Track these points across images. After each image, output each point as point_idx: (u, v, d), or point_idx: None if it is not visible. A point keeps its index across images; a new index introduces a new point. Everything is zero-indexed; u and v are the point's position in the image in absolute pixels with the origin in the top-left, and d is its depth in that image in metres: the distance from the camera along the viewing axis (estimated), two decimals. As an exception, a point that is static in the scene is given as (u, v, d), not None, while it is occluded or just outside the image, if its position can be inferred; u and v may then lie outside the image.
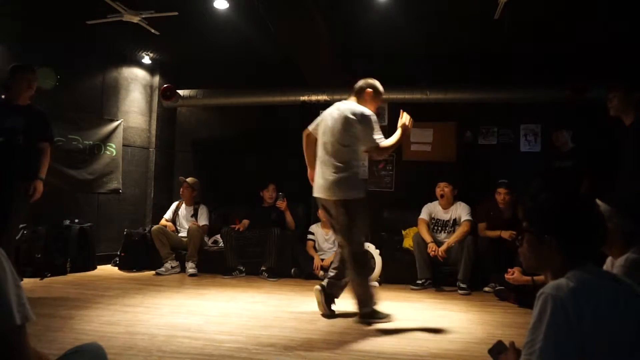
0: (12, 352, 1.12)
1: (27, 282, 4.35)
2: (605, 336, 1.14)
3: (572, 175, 4.61)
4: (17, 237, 4.00)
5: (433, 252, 4.59)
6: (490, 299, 4.33)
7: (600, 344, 1.14)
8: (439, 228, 4.98)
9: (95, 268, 5.34)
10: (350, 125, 3.23)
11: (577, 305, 1.15)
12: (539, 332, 1.16)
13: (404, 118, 3.33)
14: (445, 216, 4.96)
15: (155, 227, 5.43)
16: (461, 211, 4.88)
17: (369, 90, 3.43)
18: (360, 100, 3.41)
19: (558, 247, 1.32)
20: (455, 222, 4.90)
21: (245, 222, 5.39)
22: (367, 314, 3.27)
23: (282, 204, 5.35)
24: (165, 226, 5.49)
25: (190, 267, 5.16)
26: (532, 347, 1.17)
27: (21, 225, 4.70)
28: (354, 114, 3.24)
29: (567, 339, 1.14)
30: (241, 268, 5.24)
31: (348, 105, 3.34)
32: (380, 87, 3.49)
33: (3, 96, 3.79)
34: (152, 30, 4.72)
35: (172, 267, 5.23)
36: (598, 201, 2.10)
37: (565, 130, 4.87)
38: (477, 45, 5.40)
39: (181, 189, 5.68)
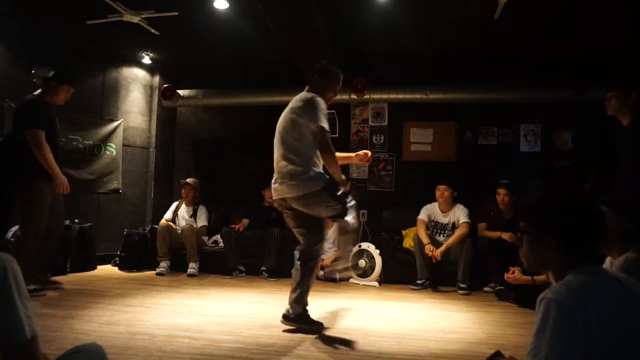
0: None
1: (27, 282, 4.35)
2: (609, 337, 1.13)
3: (572, 175, 4.61)
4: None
5: (431, 253, 4.60)
6: (490, 299, 4.33)
7: (604, 345, 1.13)
8: (438, 231, 4.98)
9: (95, 268, 5.34)
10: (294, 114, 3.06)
11: (580, 307, 1.14)
12: (543, 338, 1.15)
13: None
14: (444, 219, 4.96)
15: (162, 223, 5.45)
16: (459, 214, 4.87)
17: (314, 75, 3.24)
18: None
19: (558, 246, 1.31)
20: (454, 226, 4.89)
21: (245, 222, 5.40)
22: None
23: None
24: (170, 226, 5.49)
25: (191, 267, 5.16)
26: (537, 355, 1.15)
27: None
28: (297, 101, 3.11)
29: (572, 342, 1.12)
30: (241, 268, 5.24)
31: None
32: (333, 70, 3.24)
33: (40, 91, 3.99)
34: (152, 30, 4.72)
35: (167, 266, 5.23)
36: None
37: (567, 129, 4.87)
38: (477, 45, 5.40)
39: (184, 191, 5.67)
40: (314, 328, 3.01)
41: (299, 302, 3.03)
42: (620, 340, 1.14)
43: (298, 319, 3.03)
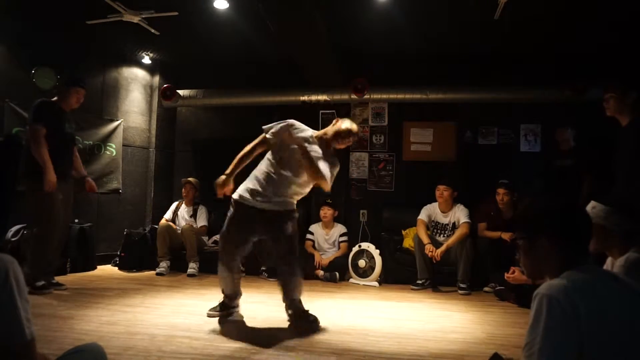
0: None
1: (27, 282, 4.35)
2: (602, 335, 1.14)
3: (572, 175, 4.61)
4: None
5: (430, 253, 4.60)
6: (490, 299, 4.33)
7: (598, 342, 1.13)
8: (438, 231, 4.98)
9: (95, 268, 5.33)
10: None
11: (572, 303, 1.15)
12: (536, 333, 1.16)
13: None
14: (444, 220, 4.96)
15: (162, 223, 5.46)
16: (460, 214, 4.87)
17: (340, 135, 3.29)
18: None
19: (551, 247, 1.32)
20: (455, 226, 4.89)
21: (245, 222, 5.38)
22: None
23: None
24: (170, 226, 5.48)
25: (191, 267, 5.15)
26: (531, 349, 1.17)
27: (21, 225, 4.70)
28: None
29: (565, 337, 1.14)
30: (241, 268, 5.23)
31: None
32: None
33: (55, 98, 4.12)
34: (152, 30, 4.72)
35: (167, 266, 5.23)
36: (595, 202, 2.11)
37: (569, 128, 4.87)
38: (477, 45, 5.40)
39: (185, 190, 5.67)
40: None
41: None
42: (620, 338, 1.15)
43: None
